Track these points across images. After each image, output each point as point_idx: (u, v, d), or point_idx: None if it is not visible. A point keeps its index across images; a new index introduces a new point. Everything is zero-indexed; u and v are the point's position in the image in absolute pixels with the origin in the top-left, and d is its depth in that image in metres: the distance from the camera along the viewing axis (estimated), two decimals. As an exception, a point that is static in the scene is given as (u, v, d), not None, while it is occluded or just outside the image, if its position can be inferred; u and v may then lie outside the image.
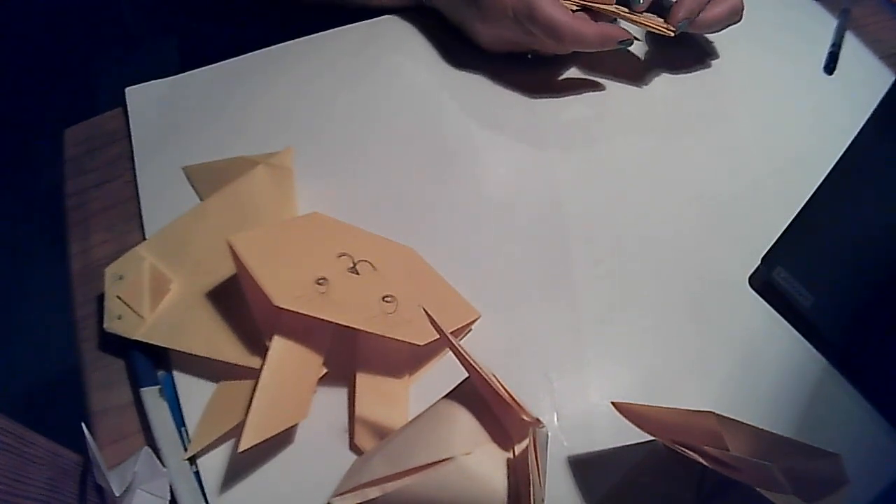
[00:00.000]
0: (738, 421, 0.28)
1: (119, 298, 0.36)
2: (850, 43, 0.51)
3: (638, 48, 0.51)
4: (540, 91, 0.48)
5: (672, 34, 0.45)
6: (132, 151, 0.44)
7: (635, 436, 0.32)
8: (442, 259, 0.39)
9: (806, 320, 0.37)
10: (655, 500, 0.32)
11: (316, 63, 0.49)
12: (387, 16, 0.52)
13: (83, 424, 0.32)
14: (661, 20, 0.45)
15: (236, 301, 0.35)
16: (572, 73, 0.49)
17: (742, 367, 0.36)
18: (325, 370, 0.34)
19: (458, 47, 0.50)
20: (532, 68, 0.49)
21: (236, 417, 0.32)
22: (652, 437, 0.32)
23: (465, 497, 0.28)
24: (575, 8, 0.45)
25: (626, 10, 0.45)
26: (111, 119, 0.47)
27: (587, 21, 0.44)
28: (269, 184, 0.41)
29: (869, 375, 0.35)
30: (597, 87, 0.48)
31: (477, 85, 0.48)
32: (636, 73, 0.49)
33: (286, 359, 0.33)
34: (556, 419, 0.34)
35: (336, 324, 0.32)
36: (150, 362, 0.35)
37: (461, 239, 0.41)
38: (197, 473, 0.33)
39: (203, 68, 0.49)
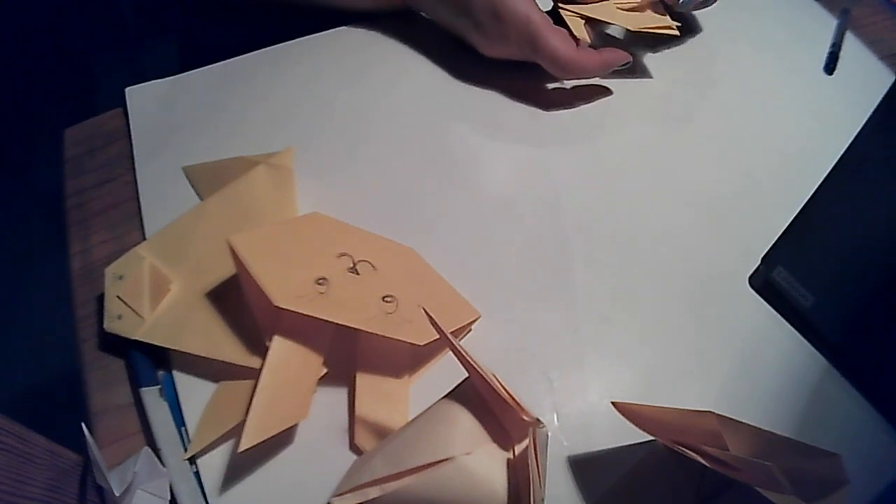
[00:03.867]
0: (738, 421, 0.28)
1: (119, 298, 0.36)
2: (850, 43, 0.51)
3: (638, 50, 0.51)
4: (539, 92, 0.48)
5: (677, 34, 0.45)
6: (132, 151, 0.44)
7: (635, 436, 0.32)
8: (442, 259, 0.39)
9: (806, 320, 0.37)
10: (655, 500, 0.32)
11: (316, 63, 0.49)
12: (387, 16, 0.52)
13: (83, 424, 0.32)
14: (662, 18, 0.45)
15: (236, 301, 0.35)
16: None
17: (742, 367, 0.36)
18: (325, 370, 0.34)
19: (457, 47, 0.50)
20: (532, 70, 0.49)
21: (236, 417, 0.32)
22: (652, 437, 0.32)
23: (465, 497, 0.28)
24: (574, 14, 0.45)
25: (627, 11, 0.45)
26: (111, 119, 0.47)
27: (588, 53, 0.45)
28: (269, 184, 0.41)
29: (869, 375, 0.35)
30: (596, 88, 0.48)
31: (476, 85, 0.48)
32: (636, 74, 0.49)
33: (286, 359, 0.33)
34: (556, 419, 0.34)
35: (336, 324, 0.32)
36: (150, 362, 0.35)
37: (461, 239, 0.41)
38: (197, 473, 0.33)
39: (203, 68, 0.49)
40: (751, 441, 0.28)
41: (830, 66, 0.49)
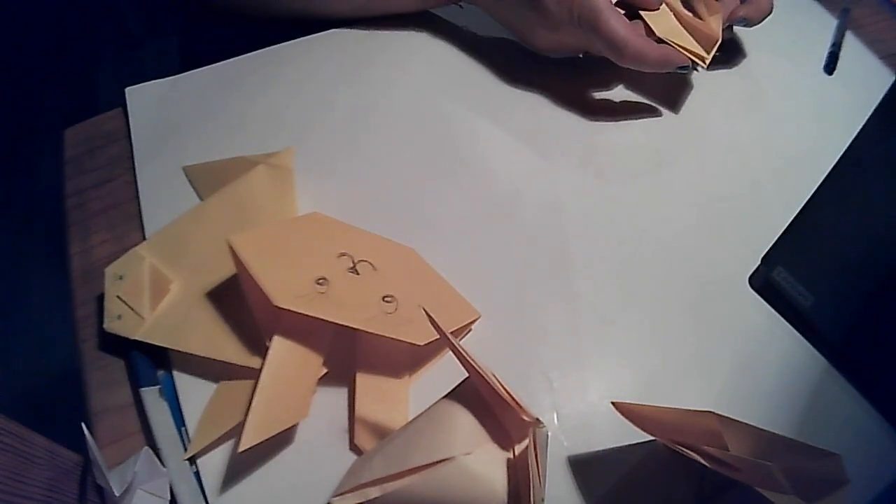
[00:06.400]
0: (738, 421, 0.28)
1: (119, 298, 0.36)
2: (850, 43, 0.51)
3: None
4: (540, 92, 0.48)
5: (704, 67, 0.44)
6: (132, 151, 0.44)
7: (635, 436, 0.32)
8: (442, 259, 0.39)
9: (806, 320, 0.37)
10: (655, 500, 0.32)
11: (316, 63, 0.49)
12: (387, 16, 0.52)
13: (83, 424, 0.32)
14: (696, 43, 0.44)
15: (236, 301, 0.35)
16: (573, 75, 0.49)
17: (742, 367, 0.36)
18: (325, 370, 0.34)
19: (458, 48, 0.50)
20: (533, 70, 0.49)
21: (236, 417, 0.32)
22: (652, 437, 0.32)
23: (465, 497, 0.28)
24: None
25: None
26: (111, 119, 0.47)
27: (649, 41, 0.43)
28: (269, 184, 0.41)
29: (869, 375, 0.35)
30: (597, 87, 0.48)
31: (477, 85, 0.48)
32: (636, 73, 0.49)
33: (286, 359, 0.33)
34: (556, 419, 0.34)
35: (336, 324, 0.32)
36: (150, 362, 0.35)
37: (461, 239, 0.41)
38: (197, 473, 0.33)
39: (203, 68, 0.49)
40: (751, 441, 0.28)
41: (830, 66, 0.49)
